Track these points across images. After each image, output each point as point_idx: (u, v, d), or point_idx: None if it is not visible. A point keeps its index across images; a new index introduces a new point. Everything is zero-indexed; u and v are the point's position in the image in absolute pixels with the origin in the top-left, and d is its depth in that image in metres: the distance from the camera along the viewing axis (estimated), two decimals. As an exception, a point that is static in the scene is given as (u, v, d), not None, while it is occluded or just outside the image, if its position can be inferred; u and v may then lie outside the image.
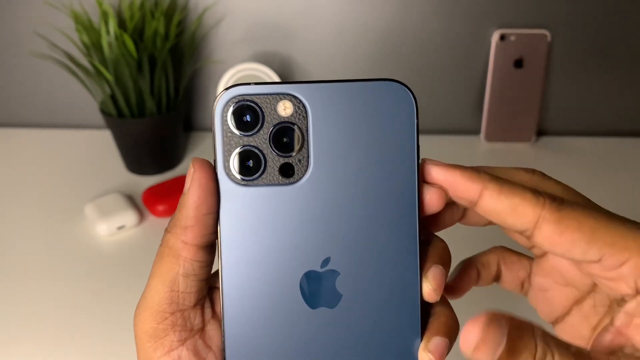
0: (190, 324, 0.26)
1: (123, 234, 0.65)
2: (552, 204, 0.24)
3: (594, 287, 0.28)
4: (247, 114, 0.25)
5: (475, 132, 0.86)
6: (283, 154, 0.25)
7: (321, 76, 0.85)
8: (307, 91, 0.25)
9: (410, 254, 0.26)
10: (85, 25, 0.70)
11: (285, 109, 0.25)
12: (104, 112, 0.74)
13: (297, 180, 0.25)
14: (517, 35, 0.80)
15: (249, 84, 0.25)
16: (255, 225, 0.25)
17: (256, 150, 0.25)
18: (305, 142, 0.25)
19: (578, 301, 0.28)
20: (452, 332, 0.26)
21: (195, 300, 0.26)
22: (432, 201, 0.26)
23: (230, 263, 0.25)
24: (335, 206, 0.25)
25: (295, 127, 0.25)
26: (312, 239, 0.25)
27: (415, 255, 0.26)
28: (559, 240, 0.24)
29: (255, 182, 0.25)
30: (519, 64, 0.81)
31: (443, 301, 0.27)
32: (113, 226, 0.64)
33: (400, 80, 0.25)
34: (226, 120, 0.25)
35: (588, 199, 0.27)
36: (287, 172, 0.25)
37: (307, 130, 0.25)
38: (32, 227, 0.67)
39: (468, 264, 0.31)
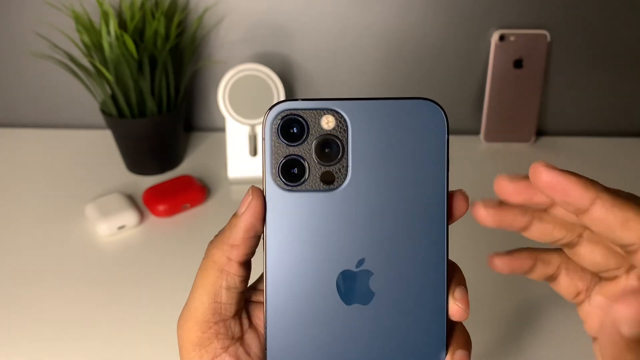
0: (232, 332, 0.28)
1: (123, 234, 0.65)
2: None
3: None
4: (294, 126, 0.28)
5: (475, 132, 0.86)
6: (325, 163, 0.28)
7: (321, 76, 0.85)
8: (348, 107, 0.27)
9: (438, 259, 0.28)
10: (86, 26, 0.70)
11: (328, 122, 0.28)
12: (104, 112, 0.74)
13: (337, 187, 0.28)
14: (517, 36, 0.80)
15: (296, 99, 0.28)
16: (297, 227, 0.28)
17: (301, 159, 0.28)
18: (345, 153, 0.28)
19: None
20: (469, 346, 0.28)
21: (235, 311, 0.28)
22: (459, 206, 0.28)
23: (273, 260, 0.28)
24: (371, 212, 0.28)
25: (337, 139, 0.28)
26: (348, 241, 0.28)
27: (443, 262, 0.28)
28: None
29: (299, 187, 0.28)
30: (518, 64, 0.81)
31: None
32: (113, 226, 0.65)
33: (434, 100, 0.27)
34: (276, 132, 0.27)
35: None
36: (328, 180, 0.28)
37: (347, 142, 0.28)
38: (32, 227, 0.67)
39: (527, 251, 0.31)
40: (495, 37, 0.80)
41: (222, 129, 0.86)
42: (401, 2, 0.80)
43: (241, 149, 0.74)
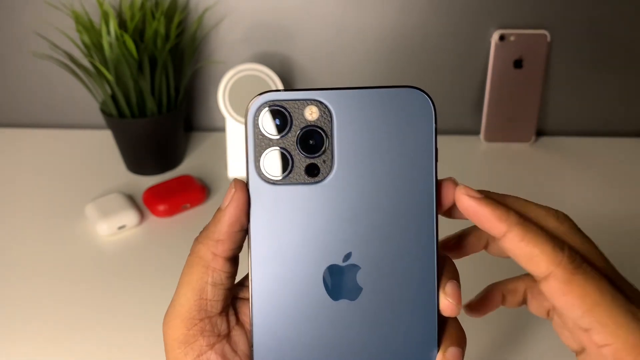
0: (217, 329, 0.28)
1: (124, 234, 0.65)
2: (568, 265, 0.25)
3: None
4: (277, 117, 0.27)
5: (475, 132, 0.86)
6: (309, 155, 0.27)
7: (321, 76, 0.85)
8: (332, 97, 0.27)
9: (427, 252, 0.27)
10: (86, 26, 0.70)
11: (311, 113, 0.27)
12: (104, 112, 0.74)
13: (322, 180, 0.27)
14: (517, 36, 0.80)
15: (278, 90, 0.27)
16: (282, 221, 0.27)
17: (284, 151, 0.27)
18: (330, 144, 0.27)
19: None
20: (463, 342, 0.28)
21: (221, 308, 0.28)
22: (448, 195, 0.28)
23: (258, 255, 0.27)
24: (357, 205, 0.27)
25: (321, 130, 0.27)
26: (334, 235, 0.27)
27: (433, 255, 0.27)
28: (561, 298, 0.25)
29: (283, 180, 0.27)
30: (518, 64, 0.81)
31: None
32: (114, 226, 0.65)
33: (420, 87, 0.27)
34: (258, 124, 0.27)
35: (607, 261, 0.27)
36: (313, 172, 0.27)
37: (331, 133, 0.27)
38: (32, 227, 0.67)
39: (493, 289, 0.33)
40: (495, 37, 0.80)
41: (222, 129, 0.86)
42: (401, 2, 0.80)
43: (241, 149, 0.74)
